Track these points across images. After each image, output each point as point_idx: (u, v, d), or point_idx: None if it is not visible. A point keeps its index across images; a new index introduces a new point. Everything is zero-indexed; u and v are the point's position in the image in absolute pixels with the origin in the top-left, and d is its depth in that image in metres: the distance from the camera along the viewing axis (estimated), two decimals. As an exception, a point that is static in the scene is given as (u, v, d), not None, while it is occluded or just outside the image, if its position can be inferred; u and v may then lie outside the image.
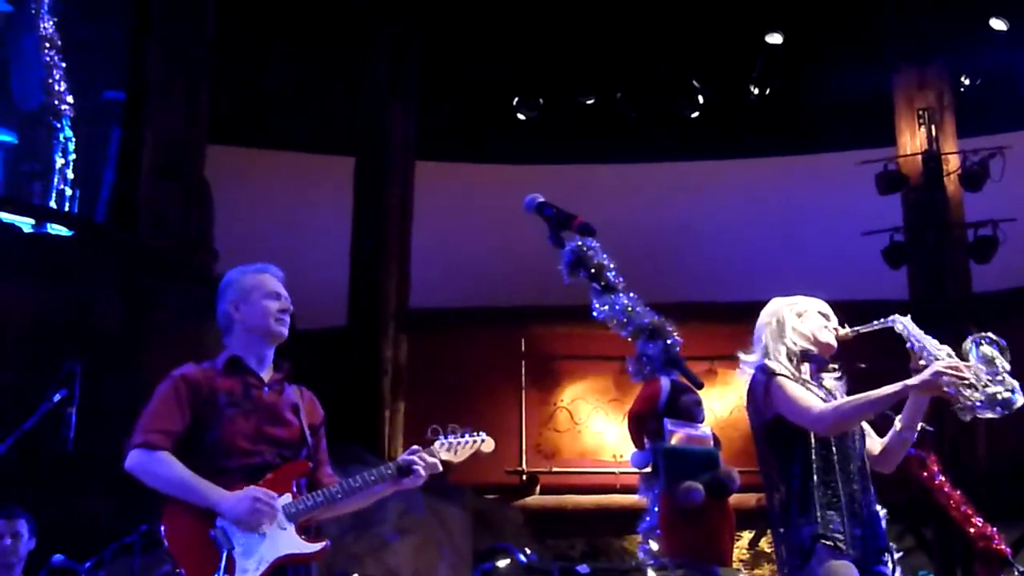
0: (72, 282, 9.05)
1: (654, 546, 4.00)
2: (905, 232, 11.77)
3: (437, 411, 11.56)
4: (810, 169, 13.26)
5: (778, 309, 4.28)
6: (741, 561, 11.23)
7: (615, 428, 11.28)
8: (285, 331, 4.33)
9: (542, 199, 4.55)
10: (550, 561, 5.22)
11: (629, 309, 4.39)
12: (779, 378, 4.00)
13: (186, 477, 4.12)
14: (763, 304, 12.57)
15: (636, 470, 4.24)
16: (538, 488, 11.33)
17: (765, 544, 11.47)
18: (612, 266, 4.46)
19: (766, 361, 4.10)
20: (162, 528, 4.15)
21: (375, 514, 8.63)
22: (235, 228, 10.60)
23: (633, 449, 4.43)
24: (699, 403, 4.33)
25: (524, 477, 11.25)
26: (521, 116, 12.22)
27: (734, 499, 4.73)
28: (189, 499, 4.10)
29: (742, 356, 4.21)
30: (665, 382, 4.29)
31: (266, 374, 4.35)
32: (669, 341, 4.37)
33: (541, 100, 12.22)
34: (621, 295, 4.42)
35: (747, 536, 11.42)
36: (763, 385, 4.05)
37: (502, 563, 3.17)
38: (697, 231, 12.35)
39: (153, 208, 9.95)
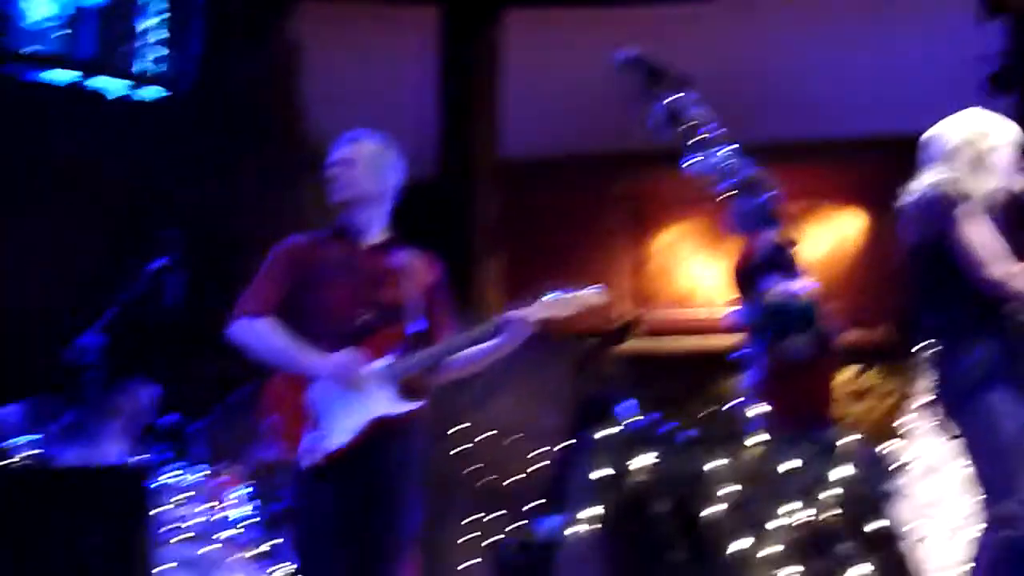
0: (163, 146, 9.14)
1: (753, 409, 3.97)
2: (1009, 59, 11.38)
3: (532, 261, 11.61)
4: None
5: (975, 136, 3.89)
6: (845, 395, 11.20)
7: (712, 271, 11.22)
8: (333, 196, 4.40)
9: (635, 53, 4.44)
10: (651, 426, 5.26)
11: (726, 164, 4.29)
12: (969, 210, 3.64)
13: (283, 344, 4.21)
14: (862, 139, 12.22)
15: (737, 325, 4.20)
16: (636, 333, 11.34)
17: (868, 378, 11.45)
18: (708, 119, 4.35)
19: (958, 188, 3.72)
20: (262, 391, 4.25)
21: (474, 366, 8.71)
22: (323, 85, 10.55)
23: (734, 302, 4.39)
24: (797, 258, 4.25)
25: (622, 322, 11.26)
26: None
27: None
28: (286, 365, 4.18)
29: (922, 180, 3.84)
30: (764, 237, 4.21)
31: (375, 238, 4.39)
32: (767, 195, 4.27)
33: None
34: (717, 149, 4.32)
35: (851, 371, 11.39)
36: (944, 204, 3.70)
37: (603, 432, 3.16)
38: (796, 65, 12.03)
39: (243, 69, 9.95)
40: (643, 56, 4.22)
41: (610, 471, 3.07)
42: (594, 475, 3.10)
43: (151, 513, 4.90)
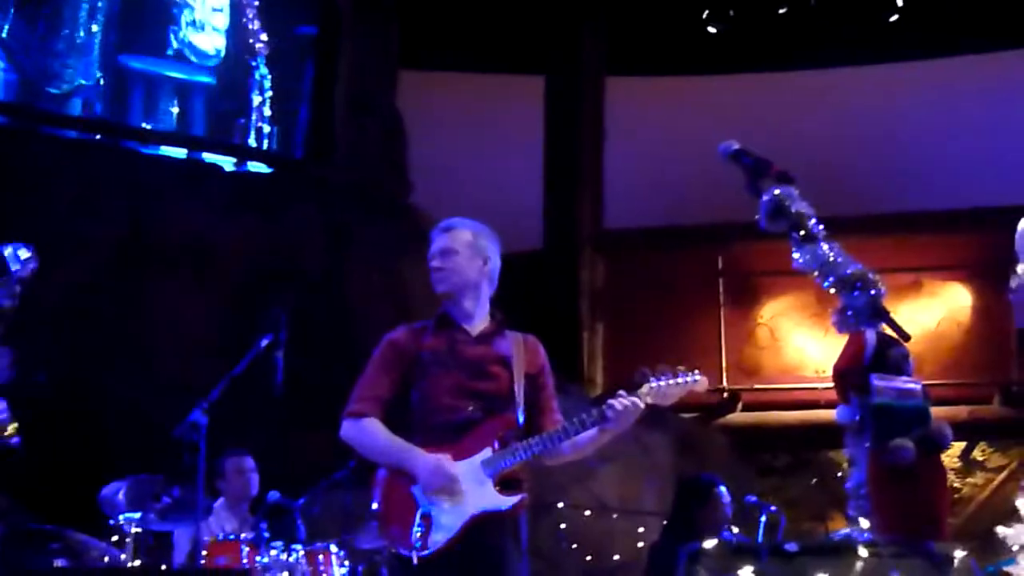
0: (273, 218, 9.27)
1: (859, 516, 3.88)
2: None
3: (636, 332, 11.59)
4: (1018, 64, 12.63)
5: None
6: (952, 470, 11.01)
7: (817, 344, 11.09)
8: (437, 288, 4.42)
9: (738, 146, 4.40)
10: (756, 541, 5.21)
11: (831, 259, 4.23)
12: None
13: (387, 444, 4.30)
14: (969, 212, 12.01)
15: (841, 425, 4.13)
16: (740, 406, 11.22)
17: (978, 453, 11.24)
18: (812, 214, 4.31)
19: None
20: (371, 480, 4.29)
21: (577, 442, 8.67)
22: (428, 156, 10.65)
23: (838, 400, 4.33)
24: (907, 356, 4.16)
25: (726, 395, 11.15)
26: (712, 29, 11.90)
27: (947, 410, 4.51)
28: (391, 464, 4.22)
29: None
30: (871, 335, 4.13)
31: (477, 326, 4.41)
32: (873, 292, 4.19)
33: (731, 12, 11.88)
34: (822, 244, 4.27)
35: (959, 446, 11.19)
36: None
37: (709, 544, 3.13)
38: (898, 138, 11.92)
39: (348, 142, 10.09)
40: (744, 150, 4.18)
41: (712, 585, 3.04)
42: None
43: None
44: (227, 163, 9.81)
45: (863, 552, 3.22)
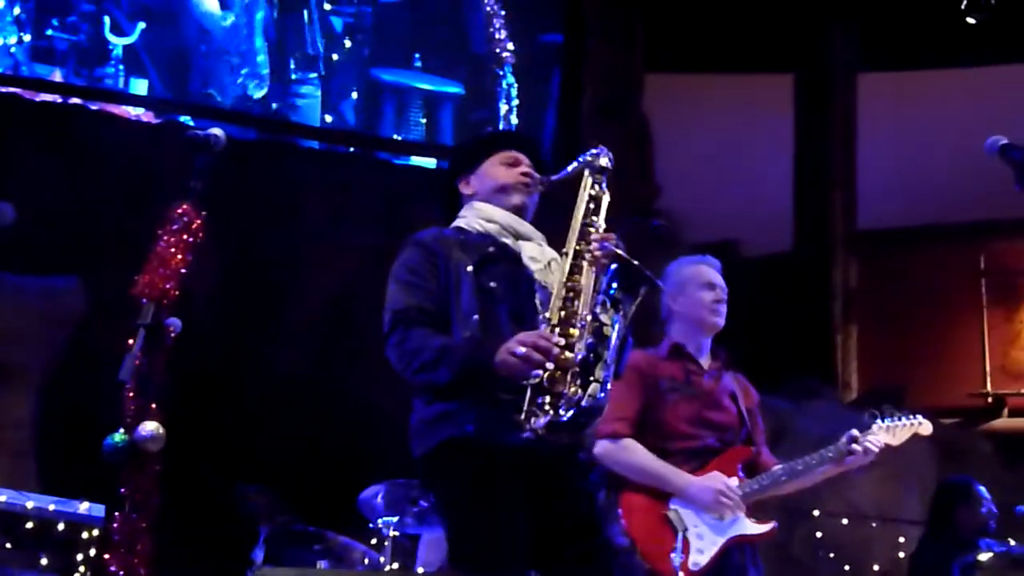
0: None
1: None
2: None
3: (892, 335, 11.24)
4: None
5: None
6: None
7: (1092, 348, 10.54)
8: (720, 321, 4.57)
9: (1005, 141, 4.21)
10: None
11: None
12: None
13: (650, 464, 4.38)
14: None
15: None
16: (1006, 411, 10.75)
17: None
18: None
19: None
20: (619, 507, 4.38)
21: (833, 449, 8.47)
22: (674, 158, 10.60)
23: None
24: None
25: (990, 400, 10.69)
26: (971, 20, 11.44)
27: None
28: (654, 485, 4.28)
29: None
30: None
31: (705, 361, 4.53)
32: None
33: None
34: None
35: None
36: None
37: (984, 556, 3.00)
38: None
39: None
40: (1012, 144, 4.00)
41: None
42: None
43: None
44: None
45: None
